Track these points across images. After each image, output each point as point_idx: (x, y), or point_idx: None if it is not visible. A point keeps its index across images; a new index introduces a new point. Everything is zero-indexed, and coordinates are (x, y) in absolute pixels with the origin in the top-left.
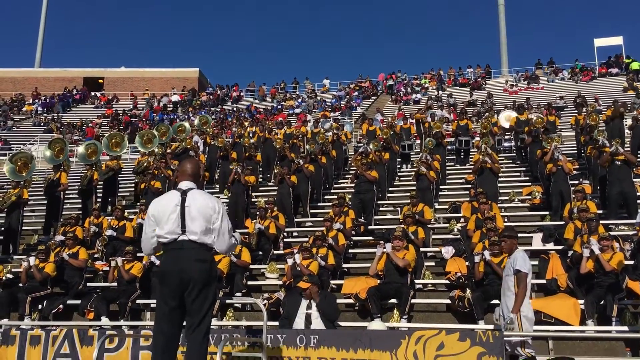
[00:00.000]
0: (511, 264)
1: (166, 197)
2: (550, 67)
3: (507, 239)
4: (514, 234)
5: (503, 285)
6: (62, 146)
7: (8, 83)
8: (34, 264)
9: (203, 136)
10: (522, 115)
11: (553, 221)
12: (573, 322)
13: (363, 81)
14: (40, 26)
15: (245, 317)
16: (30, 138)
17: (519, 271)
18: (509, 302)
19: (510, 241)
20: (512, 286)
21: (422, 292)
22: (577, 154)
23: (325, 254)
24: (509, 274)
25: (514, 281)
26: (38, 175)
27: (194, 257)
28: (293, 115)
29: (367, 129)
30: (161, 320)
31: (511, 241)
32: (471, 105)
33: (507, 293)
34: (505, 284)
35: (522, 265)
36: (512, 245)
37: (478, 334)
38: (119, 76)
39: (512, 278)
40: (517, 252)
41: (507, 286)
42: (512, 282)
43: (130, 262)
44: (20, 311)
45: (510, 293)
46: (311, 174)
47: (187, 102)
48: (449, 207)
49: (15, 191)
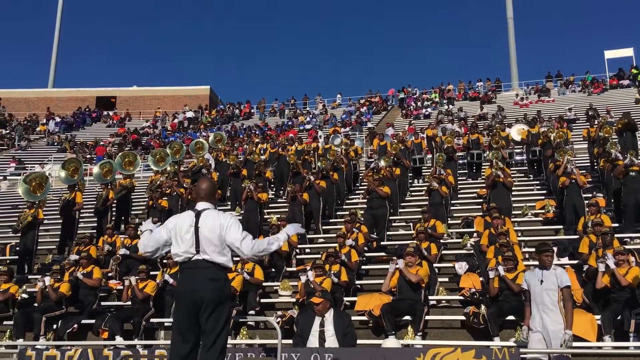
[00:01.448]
0: (554, 279)
1: (183, 217)
2: (559, 80)
3: (551, 252)
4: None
5: (536, 300)
6: (77, 166)
7: (22, 103)
8: (49, 283)
9: (215, 153)
10: (534, 129)
11: (567, 235)
12: (590, 338)
13: (373, 96)
14: (54, 47)
15: (259, 335)
16: (44, 157)
17: (568, 287)
18: (553, 317)
19: (552, 255)
20: (556, 301)
21: (436, 308)
22: (590, 167)
23: (338, 271)
24: (550, 289)
25: (559, 296)
26: (52, 195)
27: (207, 276)
28: (304, 131)
29: (378, 144)
30: (177, 339)
31: (553, 255)
32: (482, 119)
33: (550, 307)
34: (544, 298)
35: (569, 281)
36: (552, 259)
37: (494, 351)
38: (131, 95)
39: (556, 293)
40: (560, 269)
41: (550, 301)
42: (555, 297)
43: (144, 281)
44: (36, 331)
45: (555, 308)
46: (323, 190)
47: (197, 119)
48: (461, 221)
49: (31, 211)
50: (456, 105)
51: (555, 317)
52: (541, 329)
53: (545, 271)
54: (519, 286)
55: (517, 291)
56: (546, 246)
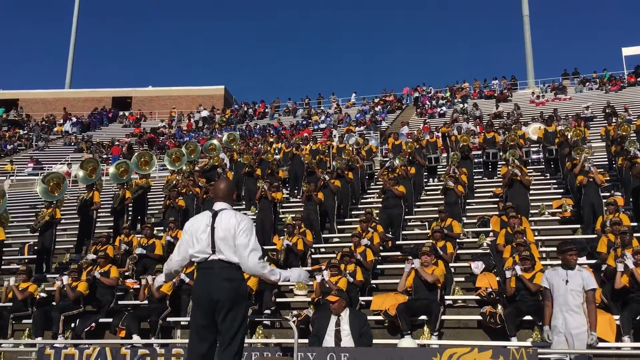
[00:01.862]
0: (579, 281)
1: (199, 217)
2: (576, 77)
3: (575, 252)
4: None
5: (559, 301)
6: (94, 166)
7: (39, 104)
8: (67, 282)
9: (229, 153)
10: (551, 127)
11: (585, 234)
12: (609, 338)
13: (387, 95)
14: (70, 48)
15: (274, 335)
16: (61, 158)
17: (594, 290)
18: (576, 319)
19: (577, 254)
20: (581, 303)
21: (452, 308)
22: (608, 165)
23: (353, 270)
24: (576, 290)
25: (583, 298)
26: (69, 195)
27: (223, 276)
28: (318, 131)
29: (393, 143)
30: (194, 339)
31: (577, 254)
32: (497, 117)
33: (574, 309)
34: (568, 299)
35: (595, 284)
36: (577, 258)
37: (511, 352)
38: (147, 95)
39: (580, 295)
40: (585, 270)
41: (574, 302)
42: (579, 299)
43: None
44: (54, 330)
45: (579, 310)
46: (338, 190)
47: (213, 119)
48: (477, 221)
49: (49, 211)
50: (470, 102)
51: (580, 319)
52: (564, 330)
53: (570, 271)
54: (536, 286)
55: (534, 291)
56: (569, 245)
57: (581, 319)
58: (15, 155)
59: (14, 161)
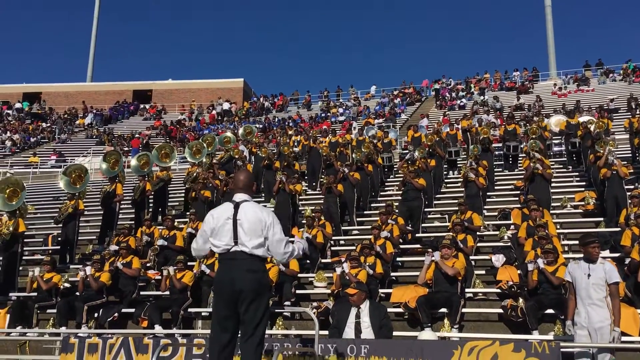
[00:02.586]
0: (602, 274)
1: (220, 209)
2: (600, 68)
3: (598, 245)
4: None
5: (582, 295)
6: (117, 158)
7: (62, 97)
8: (90, 273)
9: (248, 146)
10: (573, 119)
11: (608, 228)
12: (632, 332)
13: (407, 87)
14: (92, 42)
15: (294, 326)
16: (83, 150)
17: (617, 283)
18: (600, 313)
19: (600, 247)
20: (604, 297)
21: (472, 301)
22: (631, 158)
23: (373, 263)
24: (599, 284)
25: (606, 292)
26: (92, 187)
27: (245, 267)
28: (337, 123)
29: (412, 135)
30: (216, 329)
31: (600, 247)
32: (518, 109)
33: (597, 303)
34: (590, 293)
35: (618, 277)
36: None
37: (533, 345)
38: (167, 88)
39: (603, 289)
40: (608, 264)
41: (597, 296)
42: (602, 293)
43: (181, 271)
44: (78, 319)
45: (602, 304)
46: (357, 182)
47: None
48: (498, 213)
49: (72, 203)
50: (490, 95)
51: (602, 313)
52: (587, 324)
53: (592, 265)
54: (558, 279)
55: (557, 284)
56: (592, 237)
57: (604, 313)
58: (38, 147)
59: (37, 154)
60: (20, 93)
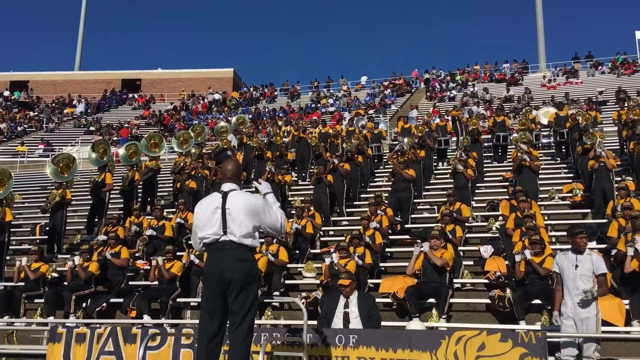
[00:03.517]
0: (589, 266)
1: (208, 199)
2: (589, 61)
3: (584, 236)
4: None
5: (569, 285)
6: (105, 147)
7: (50, 86)
8: (78, 263)
9: (239, 136)
10: (562, 111)
11: (595, 219)
12: (618, 322)
13: (397, 78)
14: (80, 30)
15: (283, 316)
16: (71, 139)
17: (604, 274)
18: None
19: (586, 238)
20: (590, 288)
21: (460, 291)
22: (619, 150)
23: (362, 253)
24: (585, 275)
25: (593, 283)
26: (80, 176)
27: (234, 257)
28: (327, 114)
29: (402, 126)
30: (205, 318)
31: (587, 238)
32: (508, 101)
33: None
34: (577, 284)
35: (605, 268)
36: (586, 243)
37: (520, 335)
38: (156, 77)
39: (590, 280)
40: (595, 255)
41: (584, 287)
42: (589, 284)
43: (170, 262)
44: (66, 309)
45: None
46: (347, 173)
47: (223, 101)
48: (486, 205)
49: (59, 192)
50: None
51: (589, 304)
52: (573, 314)
53: (580, 256)
54: (545, 270)
55: (544, 275)
56: (579, 228)
57: (590, 304)
58: (25, 137)
59: (25, 143)
60: (7, 81)
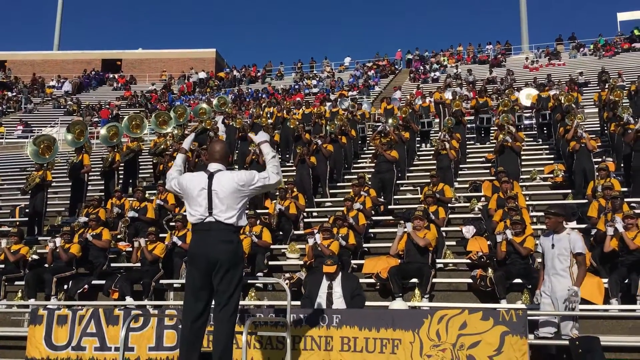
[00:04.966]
0: (566, 245)
1: (196, 178)
2: (572, 42)
3: (552, 216)
4: (561, 212)
5: (547, 264)
6: (82, 128)
7: (28, 66)
8: (59, 245)
9: (227, 121)
10: (544, 93)
11: (576, 199)
12: (597, 300)
13: (381, 59)
14: (58, 9)
15: (267, 297)
16: (51, 120)
17: (581, 254)
18: (562, 282)
19: (555, 219)
20: (568, 267)
21: (443, 271)
22: (600, 131)
23: (345, 234)
24: (563, 254)
25: (571, 262)
26: (60, 158)
27: (220, 238)
28: (311, 95)
29: (385, 107)
30: (189, 299)
31: (556, 219)
32: (491, 82)
33: (561, 273)
34: (555, 263)
35: (582, 247)
36: (557, 223)
37: (501, 313)
38: (137, 58)
39: (567, 259)
40: (574, 234)
41: (561, 266)
42: (566, 263)
43: (153, 243)
44: (47, 291)
45: (565, 274)
46: (330, 154)
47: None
48: (469, 186)
49: (39, 173)
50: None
51: (565, 283)
52: (550, 293)
53: (557, 235)
54: (526, 249)
55: (524, 254)
56: (553, 209)
57: (567, 283)
58: (4, 117)
59: (3, 124)
60: None
